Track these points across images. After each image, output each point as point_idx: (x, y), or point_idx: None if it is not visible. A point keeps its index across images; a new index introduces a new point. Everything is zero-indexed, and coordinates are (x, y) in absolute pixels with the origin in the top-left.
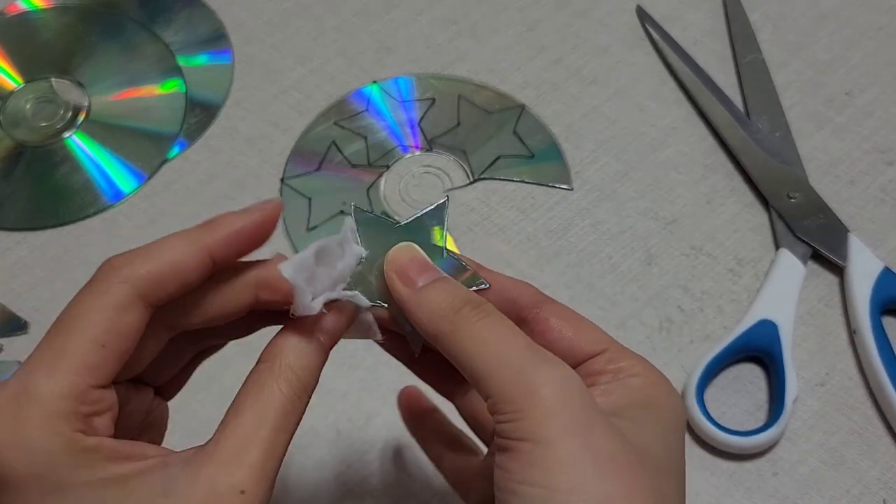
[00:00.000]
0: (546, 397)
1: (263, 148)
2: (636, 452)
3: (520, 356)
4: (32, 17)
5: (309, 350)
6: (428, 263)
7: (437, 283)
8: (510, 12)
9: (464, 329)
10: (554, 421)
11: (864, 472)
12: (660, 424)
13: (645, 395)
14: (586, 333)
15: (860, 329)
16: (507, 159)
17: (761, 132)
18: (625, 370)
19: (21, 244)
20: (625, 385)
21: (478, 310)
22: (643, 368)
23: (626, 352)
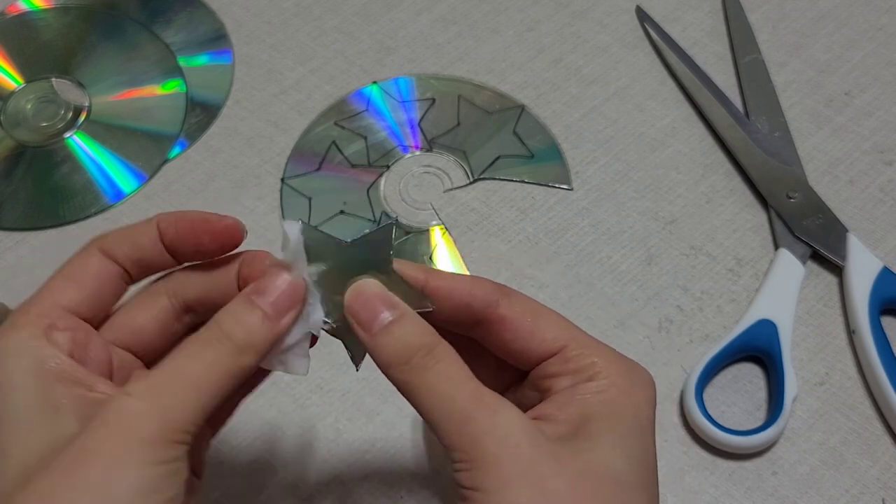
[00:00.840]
0: (490, 447)
1: (264, 148)
2: (593, 480)
3: (464, 407)
4: (33, 17)
5: (251, 317)
6: (383, 301)
7: (389, 329)
8: (510, 13)
9: (414, 380)
10: (500, 470)
11: (864, 471)
12: (619, 435)
13: (601, 404)
14: (544, 330)
15: (859, 329)
16: (506, 159)
17: (761, 132)
18: (581, 372)
19: (22, 244)
20: (579, 395)
21: (427, 357)
22: (601, 367)
23: (586, 347)
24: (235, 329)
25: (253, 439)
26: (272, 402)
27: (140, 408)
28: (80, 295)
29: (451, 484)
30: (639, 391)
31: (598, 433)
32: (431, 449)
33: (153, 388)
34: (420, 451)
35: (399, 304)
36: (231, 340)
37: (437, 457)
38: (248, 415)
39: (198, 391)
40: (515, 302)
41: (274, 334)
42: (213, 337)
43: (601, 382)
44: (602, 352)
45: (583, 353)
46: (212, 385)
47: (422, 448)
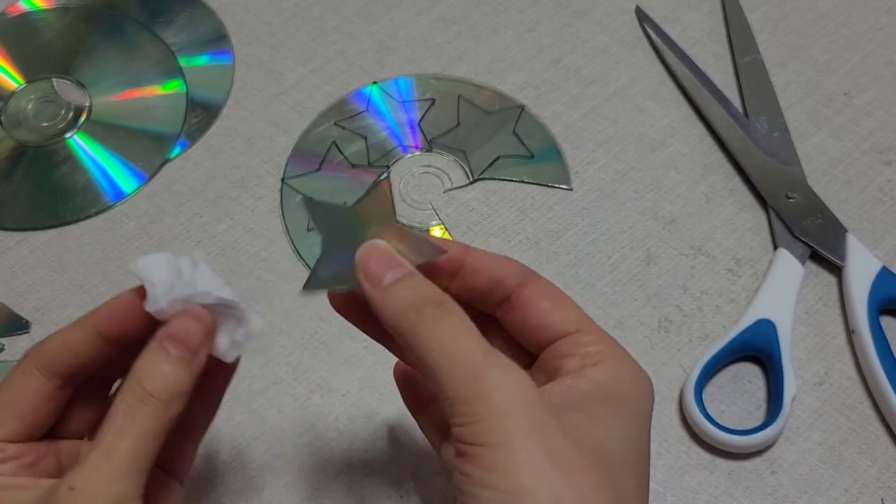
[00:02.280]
0: (499, 401)
1: (264, 148)
2: (591, 451)
3: (474, 359)
4: (34, 17)
5: (167, 367)
6: (393, 259)
7: (401, 281)
8: (510, 13)
9: (423, 328)
10: (508, 425)
11: (863, 471)
12: (619, 418)
13: (606, 387)
14: (562, 312)
15: (858, 328)
16: (506, 159)
17: (760, 132)
18: (590, 356)
19: (22, 244)
20: (586, 376)
21: (438, 309)
22: (611, 354)
23: (597, 335)
24: (157, 384)
25: (253, 439)
26: (272, 401)
27: (86, 498)
28: (19, 425)
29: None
30: (639, 387)
31: (600, 413)
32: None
33: (93, 476)
34: (420, 451)
35: (407, 266)
36: (155, 398)
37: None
38: (249, 414)
39: (136, 461)
40: (541, 284)
41: (194, 373)
42: (136, 399)
43: (607, 369)
44: (611, 343)
45: (594, 339)
46: (148, 448)
47: (422, 448)
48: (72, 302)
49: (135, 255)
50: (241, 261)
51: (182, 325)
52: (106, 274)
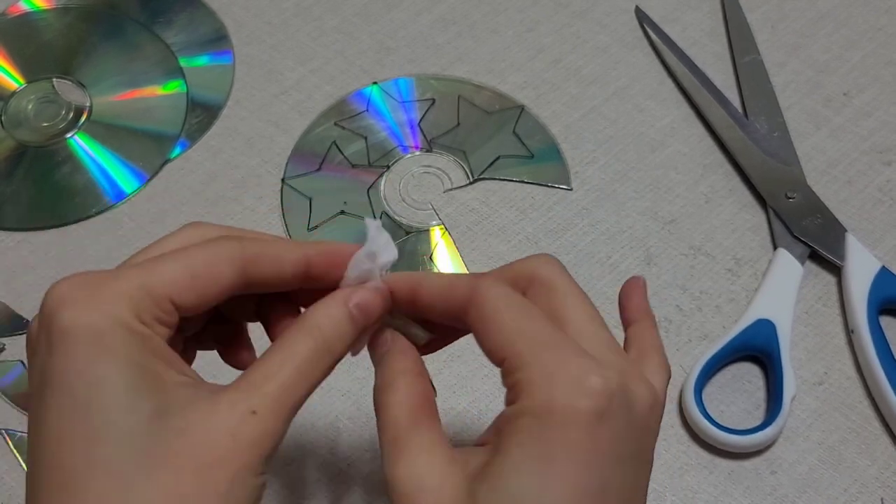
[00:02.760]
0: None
1: (264, 148)
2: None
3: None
4: (34, 17)
5: (339, 317)
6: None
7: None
8: (509, 13)
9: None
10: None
11: (862, 470)
12: (548, 466)
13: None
14: (493, 339)
15: (858, 328)
16: (506, 159)
17: (759, 132)
18: (511, 390)
19: (23, 244)
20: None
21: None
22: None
23: (521, 359)
24: (325, 321)
25: None
26: None
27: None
28: (194, 302)
29: None
30: (557, 417)
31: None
32: None
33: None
34: None
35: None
36: (333, 355)
37: None
38: None
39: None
40: (477, 306)
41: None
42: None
43: (517, 407)
44: (535, 367)
45: (515, 370)
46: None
47: None
48: None
49: None
50: None
51: (370, 297)
52: None
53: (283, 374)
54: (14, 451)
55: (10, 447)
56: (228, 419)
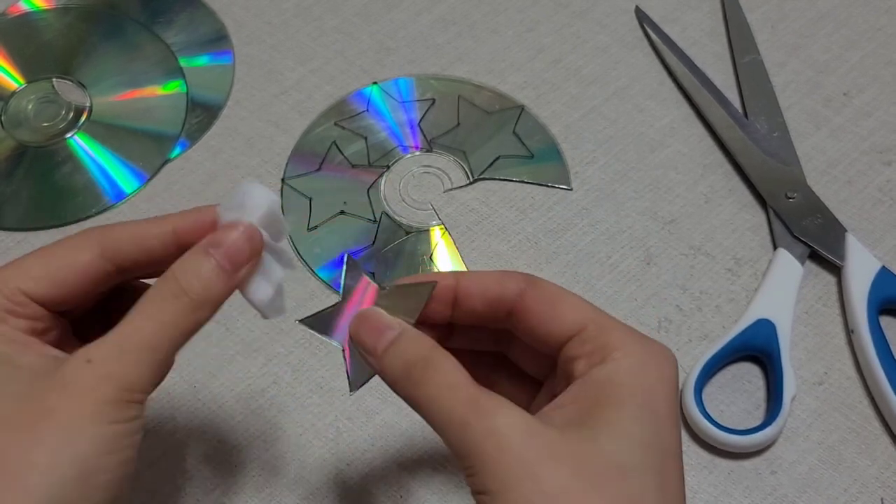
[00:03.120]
0: (488, 451)
1: (264, 148)
2: (596, 471)
3: (462, 413)
4: (34, 17)
5: (207, 270)
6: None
7: (391, 350)
8: (509, 13)
9: (415, 393)
10: (500, 472)
11: (862, 470)
12: (626, 420)
13: (613, 384)
14: (562, 313)
15: (858, 328)
16: (506, 159)
17: (759, 132)
18: (597, 352)
19: (23, 244)
20: (593, 377)
21: (424, 369)
22: (617, 345)
23: (604, 325)
24: (193, 284)
25: (253, 439)
26: (272, 401)
27: (99, 373)
28: (53, 291)
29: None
30: (653, 371)
31: (603, 420)
32: (431, 449)
33: (112, 355)
34: (420, 451)
35: (395, 325)
36: (188, 296)
37: (437, 456)
38: (249, 414)
39: (156, 350)
40: (539, 289)
41: (230, 287)
42: (170, 293)
43: (611, 365)
44: (618, 332)
45: (598, 335)
46: (168, 344)
47: (422, 448)
48: None
49: None
50: None
51: (231, 238)
52: None
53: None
54: None
55: None
56: (63, 373)
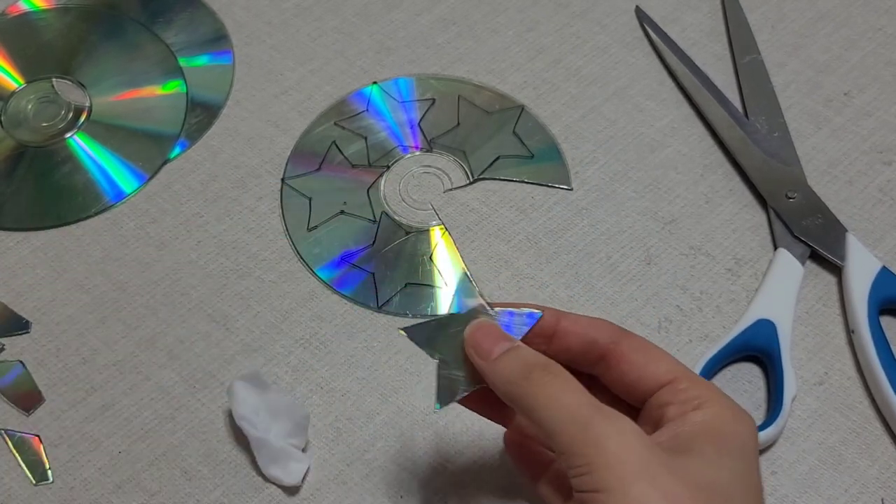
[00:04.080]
0: (610, 448)
1: (264, 148)
2: (701, 489)
3: (584, 413)
4: (34, 17)
5: None
6: (498, 333)
7: (509, 353)
8: (509, 13)
9: (533, 391)
10: (620, 470)
11: (863, 471)
12: (726, 455)
13: (710, 426)
14: (657, 364)
15: (858, 328)
16: (506, 159)
17: (760, 132)
18: (692, 400)
19: (22, 244)
20: (689, 421)
21: (545, 372)
22: (710, 397)
23: (696, 380)
24: None
25: None
26: None
27: None
28: None
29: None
30: (742, 425)
31: (706, 452)
32: (431, 449)
33: None
34: (420, 451)
35: (513, 338)
36: None
37: (437, 457)
38: None
39: None
40: (633, 339)
41: None
42: None
43: (707, 412)
44: (709, 387)
45: (692, 386)
46: None
47: (422, 448)
48: (72, 302)
49: (135, 254)
50: (240, 261)
51: None
52: (106, 274)
53: None
54: (14, 451)
55: (10, 447)
56: None
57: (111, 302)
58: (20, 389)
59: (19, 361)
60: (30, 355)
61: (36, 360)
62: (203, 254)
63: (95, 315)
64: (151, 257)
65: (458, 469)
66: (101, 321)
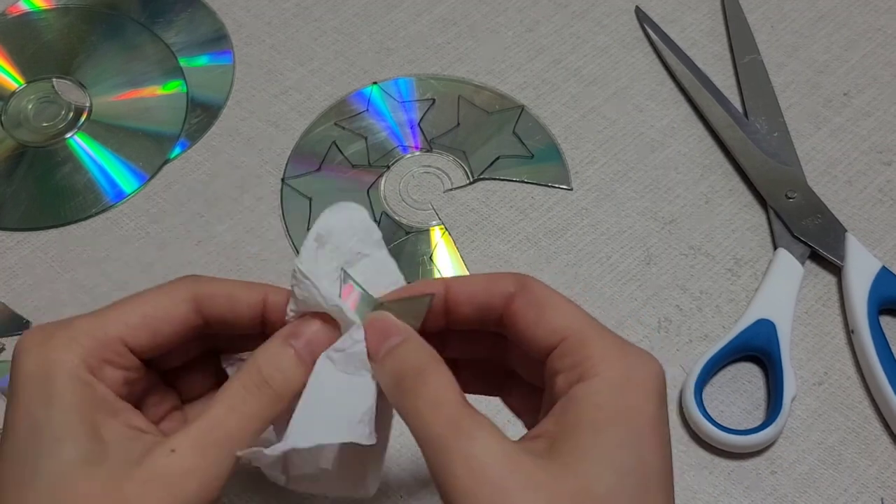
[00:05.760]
0: (461, 477)
1: (264, 148)
2: (573, 501)
3: (440, 433)
4: (34, 17)
5: (288, 361)
6: (385, 328)
7: (389, 355)
8: (509, 13)
9: (404, 403)
10: (473, 500)
11: (862, 471)
12: (609, 447)
13: (592, 409)
14: (548, 320)
15: (858, 328)
16: (506, 159)
17: (759, 132)
18: (576, 368)
19: (23, 244)
20: (573, 397)
21: (415, 380)
22: (597, 362)
23: (585, 339)
24: (275, 375)
25: None
26: None
27: (183, 466)
28: (149, 341)
29: None
30: (635, 389)
31: (582, 447)
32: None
33: (196, 447)
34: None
35: (405, 329)
36: (271, 387)
37: None
38: None
39: (237, 444)
40: (528, 292)
41: (305, 380)
42: (253, 384)
43: (590, 384)
44: (598, 343)
45: (578, 347)
46: (250, 436)
47: None
48: (72, 302)
49: (135, 254)
50: (241, 261)
51: (311, 328)
52: (106, 274)
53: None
54: None
55: None
56: (146, 464)
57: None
58: None
59: None
60: None
61: None
62: (203, 254)
63: None
64: (151, 257)
65: None
66: None
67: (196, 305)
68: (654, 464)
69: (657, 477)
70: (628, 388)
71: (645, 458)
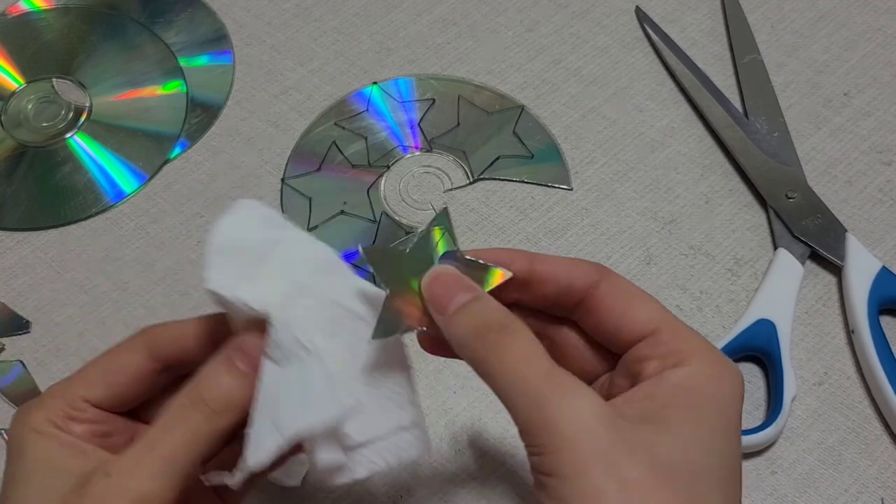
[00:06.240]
0: (564, 431)
1: (264, 148)
2: (667, 468)
3: (538, 387)
4: (34, 17)
5: (226, 376)
6: (458, 283)
7: (466, 307)
8: (509, 13)
9: (489, 356)
10: (574, 455)
11: (862, 471)
12: (699, 425)
13: (686, 388)
14: (637, 312)
15: (858, 328)
16: (506, 159)
17: (760, 132)
18: (669, 357)
19: (23, 244)
20: (664, 381)
21: (501, 334)
22: (692, 352)
23: (679, 331)
24: (212, 392)
25: None
26: None
27: (117, 488)
28: (108, 393)
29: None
30: (725, 385)
31: (679, 424)
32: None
33: (129, 468)
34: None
35: (475, 287)
36: (207, 405)
37: (437, 457)
38: None
39: (175, 462)
40: (613, 283)
41: (252, 390)
42: (189, 402)
43: (687, 370)
44: (693, 339)
45: (674, 338)
46: (190, 452)
47: None
48: (72, 302)
49: (135, 254)
50: None
51: (244, 338)
52: (106, 274)
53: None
54: None
55: None
56: (86, 487)
57: (111, 302)
58: (20, 389)
59: (19, 361)
60: (30, 355)
61: (36, 360)
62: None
63: (95, 315)
64: (151, 257)
65: (458, 469)
66: (101, 321)
67: (149, 352)
68: (736, 450)
69: (738, 462)
70: (721, 380)
71: (731, 442)
